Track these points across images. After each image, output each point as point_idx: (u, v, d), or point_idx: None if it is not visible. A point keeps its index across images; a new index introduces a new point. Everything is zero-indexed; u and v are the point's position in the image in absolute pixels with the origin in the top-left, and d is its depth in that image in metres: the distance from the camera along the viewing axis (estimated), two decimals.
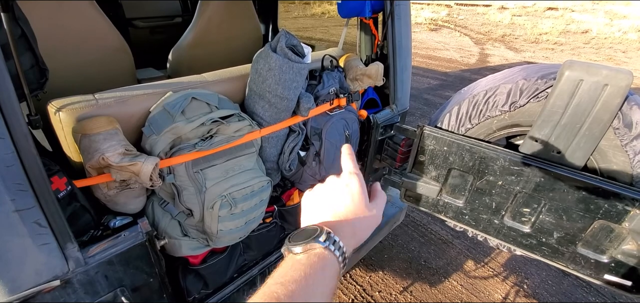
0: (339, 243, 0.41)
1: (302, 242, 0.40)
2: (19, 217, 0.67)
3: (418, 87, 5.20)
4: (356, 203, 0.46)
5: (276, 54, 1.00)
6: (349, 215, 0.45)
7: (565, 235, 1.16)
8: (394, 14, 1.34)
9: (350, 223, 0.45)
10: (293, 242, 0.41)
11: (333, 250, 0.40)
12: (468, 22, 9.98)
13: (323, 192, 0.49)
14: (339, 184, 0.48)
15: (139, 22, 2.54)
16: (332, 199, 0.47)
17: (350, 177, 0.48)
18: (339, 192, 0.47)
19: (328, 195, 0.48)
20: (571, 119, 1.01)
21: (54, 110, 0.83)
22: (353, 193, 0.46)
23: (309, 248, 0.40)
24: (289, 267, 0.38)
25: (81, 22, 1.21)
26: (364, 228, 0.47)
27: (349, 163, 0.50)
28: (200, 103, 0.99)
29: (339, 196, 0.47)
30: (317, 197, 0.49)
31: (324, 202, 0.48)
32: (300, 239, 0.41)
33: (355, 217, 0.46)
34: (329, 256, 0.40)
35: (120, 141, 0.84)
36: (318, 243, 0.40)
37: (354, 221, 0.45)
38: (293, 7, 10.30)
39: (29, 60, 0.71)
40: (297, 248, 0.40)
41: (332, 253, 0.40)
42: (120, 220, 0.93)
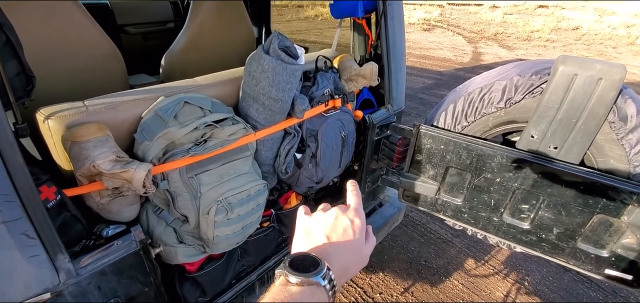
0: (333, 282, 0.41)
1: (301, 275, 0.40)
2: (5, 228, 0.65)
3: (413, 86, 5.22)
4: (357, 242, 0.47)
5: (269, 55, 0.99)
6: (346, 252, 0.46)
7: (565, 231, 1.16)
8: (387, 14, 1.34)
9: (346, 260, 0.45)
10: (292, 271, 0.40)
11: (328, 289, 0.40)
12: (460, 21, 10.05)
13: (324, 222, 0.49)
14: (343, 219, 0.49)
15: (131, 28, 2.52)
16: (333, 232, 0.47)
17: (356, 215, 0.49)
18: (342, 226, 0.48)
19: (329, 227, 0.48)
20: (567, 114, 1.01)
21: (43, 118, 0.81)
22: (355, 230, 0.48)
23: (305, 282, 0.40)
24: (279, 296, 0.38)
25: (71, 29, 1.19)
26: (355, 268, 0.48)
27: (353, 200, 0.52)
28: (193, 107, 0.97)
29: (342, 231, 0.47)
30: (317, 224, 0.49)
31: (323, 232, 0.48)
32: (300, 270, 0.40)
33: (352, 255, 0.46)
34: (320, 292, 0.40)
35: (111, 148, 0.82)
36: (317, 279, 0.40)
37: (348, 259, 0.46)
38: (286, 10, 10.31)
39: (14, 68, 0.69)
40: (294, 278, 0.40)
41: (327, 292, 0.40)
42: (114, 228, 0.91)
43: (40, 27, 1.12)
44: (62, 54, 1.18)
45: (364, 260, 0.49)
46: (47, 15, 1.13)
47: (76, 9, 1.19)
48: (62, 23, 1.17)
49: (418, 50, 7.38)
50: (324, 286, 0.40)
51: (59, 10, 1.15)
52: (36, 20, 1.10)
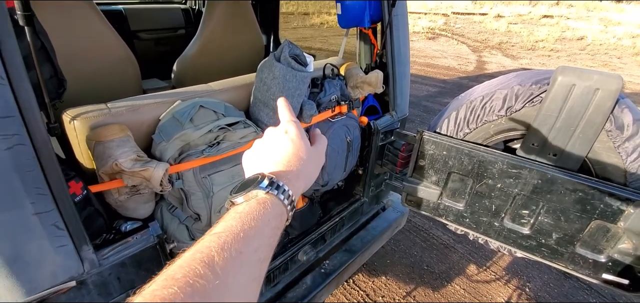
0: (283, 187, 0.40)
1: (242, 192, 0.39)
2: (38, 219, 0.70)
3: (417, 94, 5.26)
4: (297, 146, 0.46)
5: (280, 63, 1.04)
6: (292, 159, 0.45)
7: (564, 236, 1.19)
8: (392, 24, 1.39)
9: (294, 167, 0.44)
10: (234, 194, 0.40)
11: (277, 194, 0.39)
12: (465, 30, 10.11)
13: (262, 144, 0.48)
14: (277, 133, 0.48)
15: (144, 34, 2.60)
16: (271, 148, 0.47)
17: (288, 124, 0.48)
18: (278, 139, 0.47)
19: (267, 146, 0.47)
20: (565, 122, 1.05)
21: (69, 118, 0.86)
22: (292, 138, 0.46)
23: (251, 196, 0.39)
24: (228, 217, 0.36)
25: (90, 33, 1.25)
26: (309, 168, 0.47)
27: (286, 113, 0.51)
28: (207, 111, 1.03)
29: (279, 143, 0.47)
30: (256, 150, 0.48)
31: (263, 153, 0.47)
32: (241, 189, 0.40)
33: (299, 159, 0.45)
34: (272, 200, 0.39)
35: (132, 148, 0.87)
36: (259, 189, 0.39)
37: (298, 164, 0.45)
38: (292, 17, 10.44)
39: (48, 71, 0.75)
40: (238, 198, 0.39)
41: (276, 197, 0.39)
42: (131, 224, 0.96)
43: (61, 31, 1.18)
44: (81, 57, 1.25)
45: (317, 159, 0.49)
46: (68, 19, 1.19)
47: (95, 14, 1.26)
48: (81, 27, 1.23)
49: (422, 58, 7.44)
50: (269, 192, 0.39)
51: (79, 15, 1.22)
52: (58, 24, 1.17)
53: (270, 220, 0.37)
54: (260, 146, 0.48)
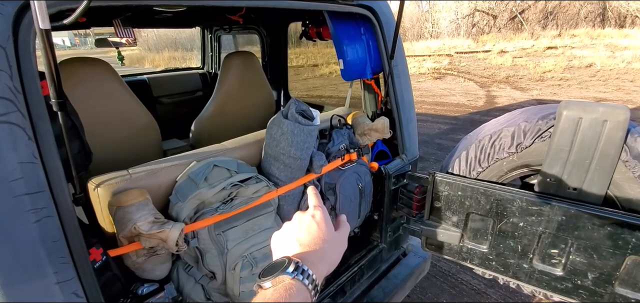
0: (307, 272, 0.43)
1: (270, 277, 0.42)
2: (59, 288, 0.72)
3: (429, 133, 5.27)
4: (322, 230, 0.50)
5: (288, 119, 1.09)
6: (317, 241, 0.48)
7: (600, 275, 1.11)
8: (393, 74, 1.45)
9: (319, 250, 0.47)
10: (262, 278, 0.43)
11: (302, 279, 0.42)
12: (470, 68, 10.30)
13: (290, 228, 0.52)
14: (304, 217, 0.52)
15: (165, 99, 2.80)
16: (298, 231, 0.50)
17: (315, 210, 0.53)
18: (305, 223, 0.51)
19: (295, 229, 0.51)
20: (579, 156, 1.03)
21: (93, 186, 0.92)
22: (318, 222, 0.51)
23: (278, 281, 0.42)
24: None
25: (116, 105, 1.36)
26: (332, 252, 0.50)
27: (313, 199, 0.56)
28: (221, 169, 1.07)
29: (305, 227, 0.50)
30: (284, 233, 0.52)
31: (291, 236, 0.50)
32: (268, 274, 0.43)
33: (323, 242, 0.49)
34: (297, 286, 0.41)
35: (150, 210, 0.91)
36: (286, 274, 0.42)
37: (322, 246, 0.48)
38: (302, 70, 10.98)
39: (76, 147, 0.82)
40: (266, 283, 0.42)
41: (301, 282, 0.42)
42: (148, 287, 0.97)
43: (91, 104, 1.29)
44: (108, 127, 1.35)
45: (340, 244, 0.53)
46: (97, 92, 1.31)
47: (121, 87, 1.37)
48: (109, 100, 1.34)
49: (431, 97, 7.54)
50: (296, 278, 0.42)
51: (107, 89, 1.34)
52: (88, 97, 1.28)
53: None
54: (288, 228, 0.52)
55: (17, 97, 0.61)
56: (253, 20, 2.52)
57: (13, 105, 0.60)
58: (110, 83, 1.35)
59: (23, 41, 0.64)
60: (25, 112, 0.62)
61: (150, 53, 19.26)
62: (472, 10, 15.52)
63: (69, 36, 26.84)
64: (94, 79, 1.30)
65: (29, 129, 0.63)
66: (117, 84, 1.36)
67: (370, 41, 1.44)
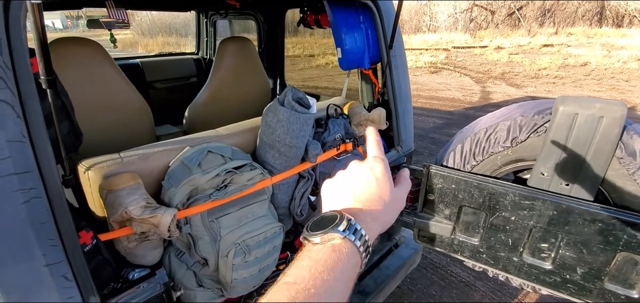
0: (360, 232, 0.39)
1: (320, 232, 0.38)
2: (48, 271, 0.71)
3: (424, 127, 5.29)
4: (381, 186, 0.44)
5: (284, 107, 1.08)
6: (374, 199, 0.43)
7: (590, 270, 1.13)
8: (391, 64, 1.44)
9: (374, 208, 0.43)
10: (311, 232, 0.39)
11: (354, 239, 0.38)
12: (466, 63, 10.31)
13: (345, 178, 0.46)
14: (362, 169, 0.46)
15: (158, 84, 2.75)
16: (354, 184, 0.45)
17: (375, 162, 0.46)
18: (363, 176, 0.45)
19: (351, 180, 0.45)
20: (573, 151, 1.04)
21: (84, 169, 0.90)
22: (377, 177, 0.45)
23: (327, 239, 0.38)
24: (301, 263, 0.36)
25: (108, 88, 1.33)
26: (389, 212, 0.44)
27: (374, 148, 0.48)
28: (215, 155, 1.05)
29: (363, 180, 0.45)
30: (339, 183, 0.47)
31: (346, 187, 0.45)
32: (318, 228, 0.39)
33: (380, 201, 0.43)
34: (348, 247, 0.37)
35: (142, 195, 0.89)
36: (337, 232, 0.38)
37: (379, 205, 0.43)
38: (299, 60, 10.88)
39: (66, 127, 0.80)
40: (315, 238, 0.38)
41: (353, 243, 0.38)
42: (139, 272, 0.95)
43: (83, 86, 1.26)
44: (100, 110, 1.32)
45: (397, 203, 0.46)
46: (89, 75, 1.28)
47: (114, 70, 1.34)
48: (101, 83, 1.31)
49: (427, 91, 7.55)
50: (346, 238, 0.38)
51: (99, 72, 1.31)
52: (80, 79, 1.25)
53: (343, 272, 0.36)
54: (342, 178, 0.47)
55: (7, 73, 0.58)
56: (250, 5, 2.47)
57: (2, 81, 0.58)
58: (103, 65, 1.31)
59: (14, 16, 0.62)
60: (14, 90, 0.60)
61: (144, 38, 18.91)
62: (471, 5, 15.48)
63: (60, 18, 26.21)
64: (86, 61, 1.27)
65: (18, 106, 0.61)
66: (110, 66, 1.33)
67: (369, 30, 1.42)
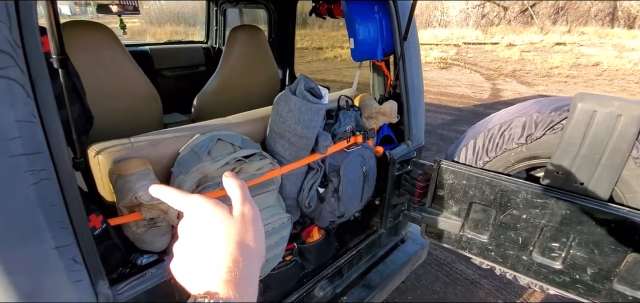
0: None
1: None
2: (57, 253, 0.71)
3: (432, 122, 5.23)
4: (218, 227, 0.35)
5: (296, 96, 1.06)
6: (222, 246, 0.34)
7: (600, 271, 1.11)
8: (405, 56, 1.41)
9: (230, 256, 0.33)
10: None
11: None
12: (477, 59, 10.16)
13: (182, 249, 0.36)
14: (188, 226, 0.36)
15: (167, 72, 2.75)
16: (193, 250, 0.35)
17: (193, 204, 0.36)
18: (194, 232, 0.35)
19: (188, 249, 0.36)
20: (590, 150, 1.01)
21: (94, 153, 0.90)
22: (207, 222, 0.35)
23: None
24: None
25: (118, 73, 1.33)
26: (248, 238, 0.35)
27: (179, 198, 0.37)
28: (225, 144, 1.04)
29: (197, 239, 0.35)
30: (180, 260, 0.36)
31: (189, 261, 0.35)
32: None
33: (229, 240, 0.34)
34: None
35: (151, 180, 0.89)
36: None
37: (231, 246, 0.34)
38: (307, 52, 10.82)
39: (77, 109, 0.79)
40: None
41: None
42: (147, 258, 0.96)
43: (93, 71, 1.25)
44: (109, 95, 1.31)
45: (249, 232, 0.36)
46: (99, 60, 1.27)
47: (124, 56, 1.34)
48: (111, 68, 1.31)
49: (436, 87, 7.46)
50: None
51: (110, 56, 1.30)
52: (90, 64, 1.24)
53: None
54: (182, 251, 0.36)
55: (16, 51, 0.57)
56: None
57: (12, 59, 0.57)
58: (113, 50, 1.31)
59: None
60: (24, 68, 0.59)
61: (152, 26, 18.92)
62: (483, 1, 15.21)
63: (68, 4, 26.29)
64: (97, 45, 1.26)
65: (28, 86, 0.60)
66: (120, 51, 1.33)
67: (384, 21, 1.39)
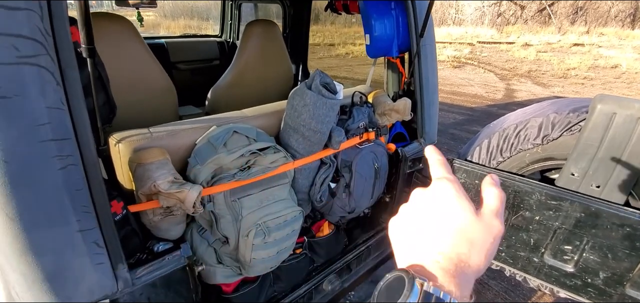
0: (439, 296, 0.28)
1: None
2: (81, 236, 0.74)
3: (443, 122, 5.17)
4: (458, 217, 0.32)
5: (311, 91, 1.07)
6: (452, 239, 0.32)
7: (612, 275, 1.10)
8: (420, 54, 1.40)
9: (455, 253, 0.31)
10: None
11: None
12: (491, 59, 9.97)
13: (410, 214, 0.36)
14: (427, 198, 0.35)
15: (182, 65, 2.79)
16: (422, 222, 0.34)
17: (441, 185, 0.34)
18: (430, 209, 0.34)
19: (416, 217, 0.35)
20: (608, 153, 1.00)
21: (115, 141, 0.93)
22: (450, 206, 0.33)
23: None
24: None
25: (137, 65, 1.36)
26: (478, 249, 0.31)
27: (437, 169, 0.37)
28: (240, 136, 1.06)
29: (431, 215, 0.34)
30: (405, 222, 0.36)
31: (412, 229, 0.35)
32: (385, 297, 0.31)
33: (462, 239, 0.32)
34: None
35: (170, 170, 0.91)
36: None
37: (461, 246, 0.31)
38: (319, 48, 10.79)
39: (102, 98, 0.82)
40: None
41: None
42: (163, 245, 0.98)
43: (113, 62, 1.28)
44: (128, 86, 1.35)
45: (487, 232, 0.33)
46: (119, 51, 1.31)
47: (142, 48, 1.37)
48: (130, 59, 1.34)
49: (448, 86, 7.36)
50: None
51: (129, 48, 1.33)
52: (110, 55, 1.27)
53: None
54: (406, 216, 0.36)
55: (47, 40, 0.60)
56: None
57: (43, 47, 0.59)
58: (133, 43, 1.34)
59: None
60: (54, 56, 0.61)
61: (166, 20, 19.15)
62: None
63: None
64: (119, 37, 1.30)
65: (57, 74, 0.62)
66: (140, 44, 1.36)
67: (400, 17, 1.38)
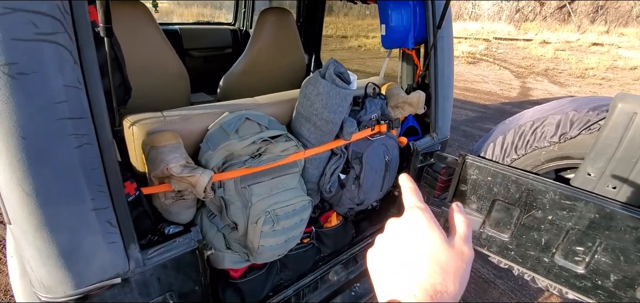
0: None
1: None
2: (95, 215, 0.75)
3: (456, 118, 5.10)
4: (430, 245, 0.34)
5: (325, 80, 1.07)
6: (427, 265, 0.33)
7: (624, 278, 1.07)
8: (437, 46, 1.37)
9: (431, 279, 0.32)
10: None
11: None
12: (508, 56, 9.74)
13: (386, 244, 0.37)
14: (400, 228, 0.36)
15: (195, 52, 2.81)
16: (397, 252, 0.36)
17: (413, 213, 0.36)
18: (403, 238, 0.36)
19: (392, 247, 0.36)
20: (626, 153, 0.97)
21: (129, 124, 0.94)
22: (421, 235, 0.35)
23: None
24: None
25: (152, 50, 1.37)
26: (455, 273, 0.33)
27: (409, 197, 0.38)
28: (252, 123, 1.07)
29: (405, 244, 0.35)
30: (380, 254, 0.38)
31: (390, 259, 0.36)
32: None
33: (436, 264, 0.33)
34: None
35: (182, 154, 0.92)
36: None
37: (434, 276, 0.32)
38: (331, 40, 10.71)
39: (118, 79, 0.83)
40: None
41: None
42: (174, 228, 1.00)
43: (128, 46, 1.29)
44: (142, 69, 1.36)
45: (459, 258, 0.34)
46: (134, 35, 1.32)
47: (157, 33, 1.37)
48: (145, 44, 1.35)
49: (462, 82, 7.24)
50: None
51: (144, 33, 1.34)
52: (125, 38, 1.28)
53: None
54: (382, 248, 0.38)
55: (66, 18, 0.60)
56: None
57: (61, 25, 0.60)
58: (149, 27, 1.35)
59: None
60: (72, 35, 0.62)
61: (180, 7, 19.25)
62: None
63: None
64: (135, 20, 1.31)
65: (75, 52, 0.63)
66: (155, 29, 1.36)
67: (418, 7, 1.35)
